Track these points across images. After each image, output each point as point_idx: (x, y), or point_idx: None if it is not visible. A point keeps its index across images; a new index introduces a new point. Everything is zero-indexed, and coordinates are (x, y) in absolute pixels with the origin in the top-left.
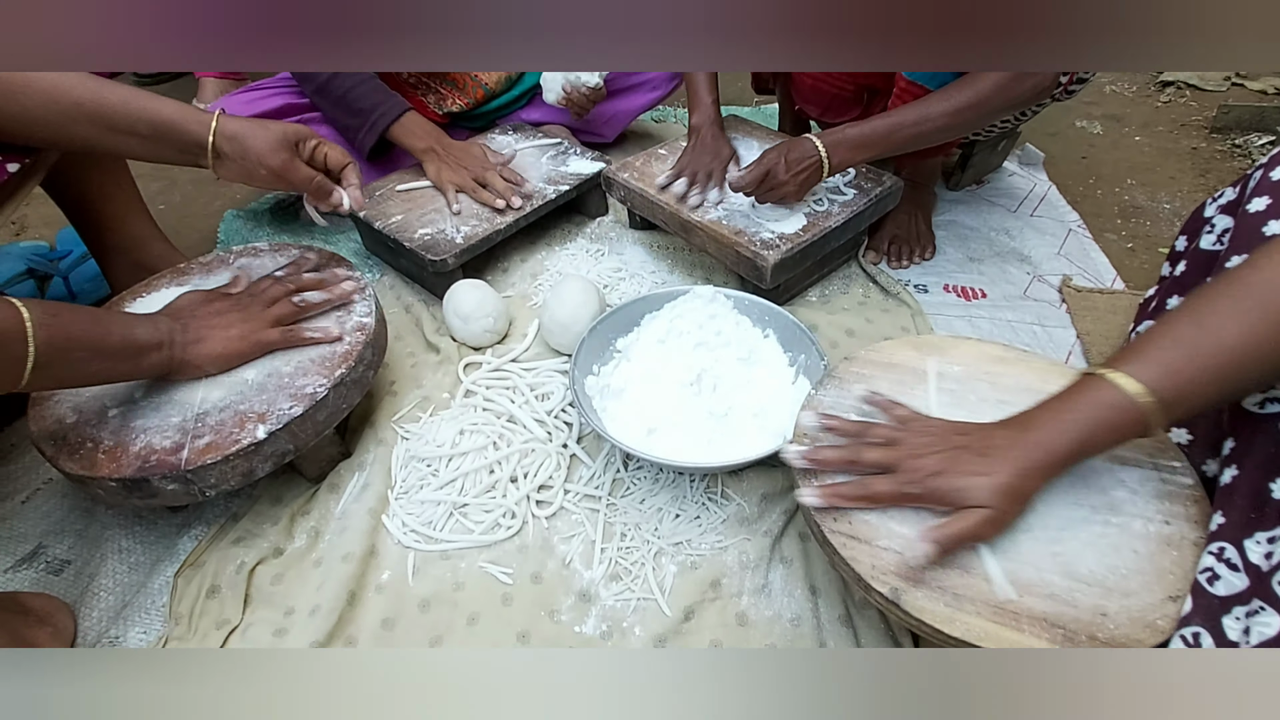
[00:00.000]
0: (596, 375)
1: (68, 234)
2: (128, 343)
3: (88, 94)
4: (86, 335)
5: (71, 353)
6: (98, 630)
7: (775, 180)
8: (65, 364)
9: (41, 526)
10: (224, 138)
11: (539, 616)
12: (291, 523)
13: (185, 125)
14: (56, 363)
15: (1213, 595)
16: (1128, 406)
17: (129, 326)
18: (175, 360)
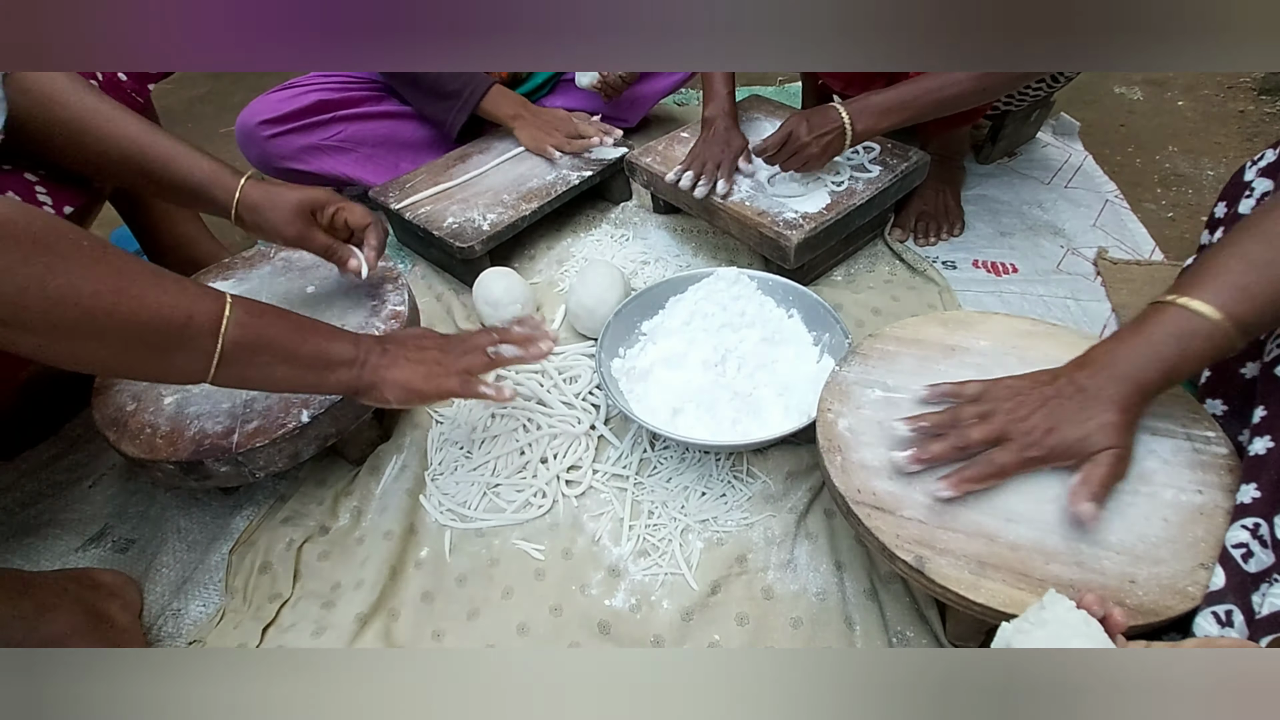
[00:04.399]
0: (622, 358)
1: (121, 233)
2: (320, 354)
3: (134, 148)
4: (280, 339)
5: (261, 354)
6: (161, 603)
7: (797, 142)
8: (252, 364)
9: (107, 509)
10: (245, 208)
11: (570, 590)
12: (335, 503)
13: (212, 192)
14: (244, 361)
15: (1246, 572)
16: (1211, 331)
17: (327, 339)
18: (364, 381)
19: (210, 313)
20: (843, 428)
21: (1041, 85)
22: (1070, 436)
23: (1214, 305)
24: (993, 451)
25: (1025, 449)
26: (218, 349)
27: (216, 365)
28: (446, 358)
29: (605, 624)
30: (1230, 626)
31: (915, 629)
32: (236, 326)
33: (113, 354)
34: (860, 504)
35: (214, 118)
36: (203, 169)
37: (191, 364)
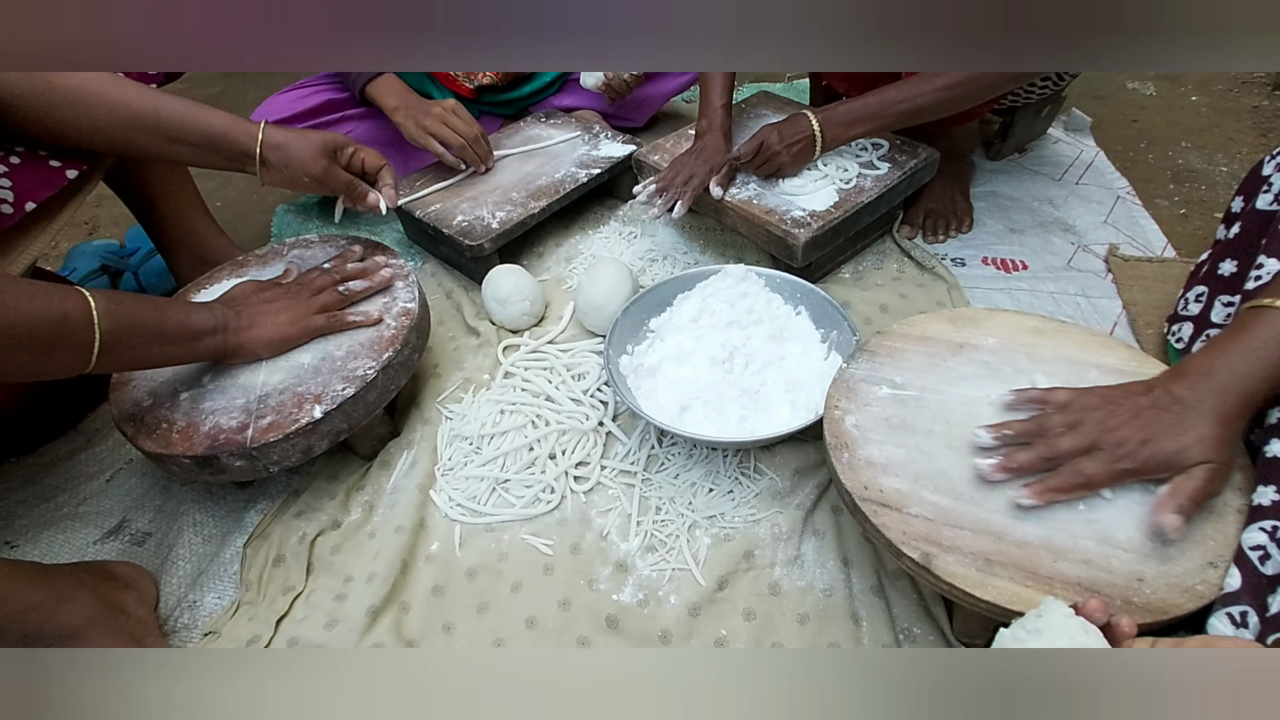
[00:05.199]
0: (630, 355)
1: (135, 232)
2: (184, 328)
3: (145, 106)
4: (147, 321)
5: (133, 337)
6: (177, 595)
7: (769, 151)
8: (128, 348)
9: (124, 502)
10: (269, 147)
11: (578, 585)
12: (347, 497)
13: (234, 136)
14: (120, 346)
15: (1263, 574)
16: None
17: (186, 313)
18: (229, 344)
19: (80, 307)
20: (850, 425)
21: (1049, 81)
22: (1166, 449)
23: None
24: (1082, 461)
25: (1117, 460)
26: (96, 339)
27: (97, 354)
28: (298, 301)
29: (613, 618)
30: (1245, 627)
31: (923, 626)
32: (106, 315)
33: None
34: (867, 500)
35: None
36: (220, 118)
37: (74, 357)
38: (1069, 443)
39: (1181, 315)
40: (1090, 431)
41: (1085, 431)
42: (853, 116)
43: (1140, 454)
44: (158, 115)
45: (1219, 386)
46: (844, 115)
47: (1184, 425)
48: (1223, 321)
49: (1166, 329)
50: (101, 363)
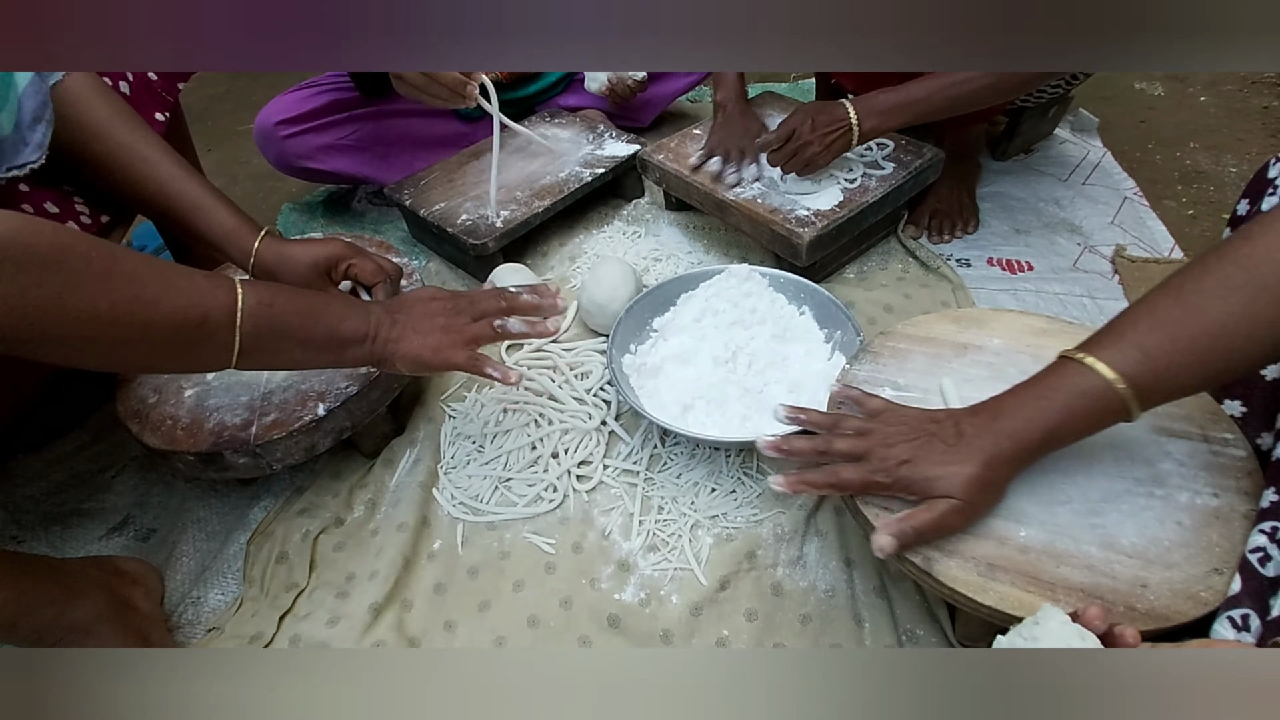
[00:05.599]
0: (634, 354)
1: (144, 229)
2: (333, 336)
3: (161, 194)
4: (295, 326)
5: (276, 342)
6: (182, 591)
7: (799, 141)
8: (270, 352)
9: (130, 499)
10: (260, 271)
11: (580, 584)
12: (350, 495)
13: (229, 250)
14: (261, 350)
15: (1264, 576)
16: (1103, 394)
17: (339, 319)
18: (377, 355)
19: (224, 306)
20: None
21: (1061, 82)
22: (919, 474)
23: (1113, 366)
24: (844, 465)
25: (873, 472)
26: (236, 342)
27: (238, 354)
28: (454, 324)
29: (615, 618)
30: (1247, 631)
31: (925, 628)
32: (251, 318)
33: (137, 357)
34: (869, 504)
35: (232, 115)
36: (222, 226)
37: (213, 357)
38: (844, 445)
39: None
40: (868, 442)
41: (864, 441)
42: (894, 104)
43: (896, 472)
44: (168, 205)
45: (999, 429)
46: (884, 103)
47: (949, 458)
48: None
49: None
50: (242, 362)
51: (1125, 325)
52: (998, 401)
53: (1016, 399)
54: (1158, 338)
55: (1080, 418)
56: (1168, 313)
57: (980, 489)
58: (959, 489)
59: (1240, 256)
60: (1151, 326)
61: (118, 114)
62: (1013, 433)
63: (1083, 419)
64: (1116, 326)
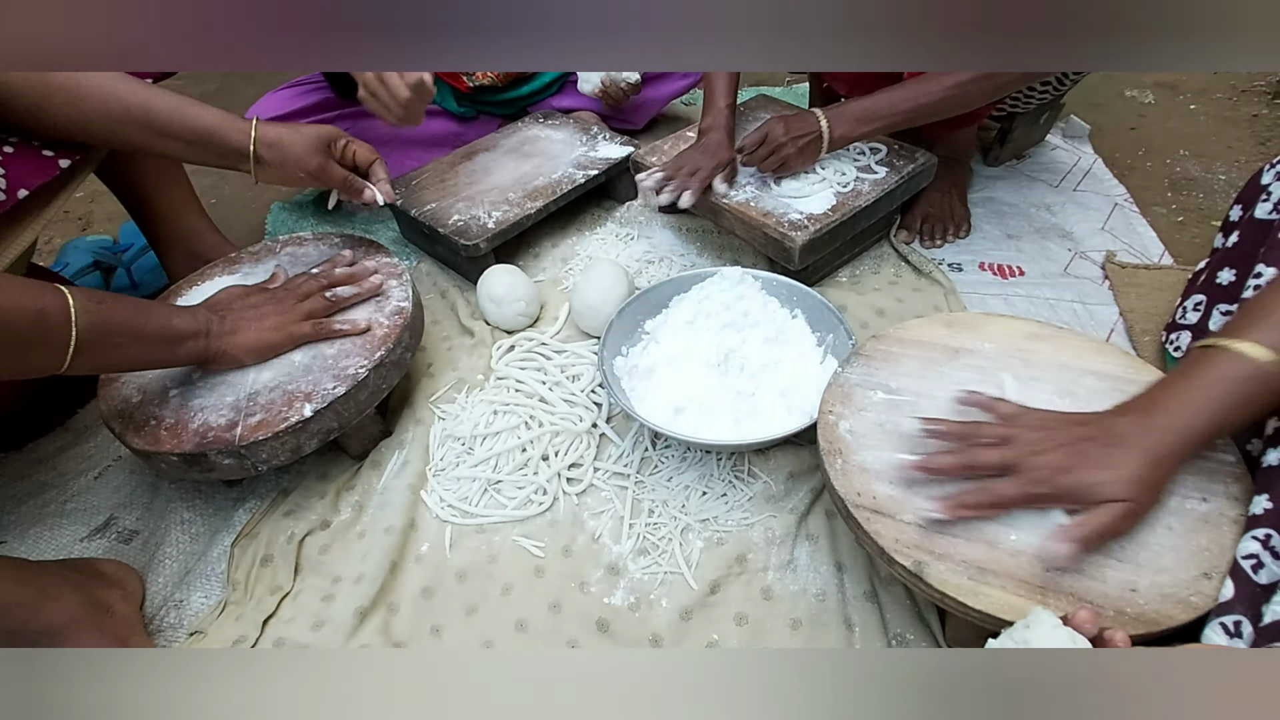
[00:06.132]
0: (625, 356)
1: (129, 228)
2: (165, 331)
3: (137, 101)
4: (127, 323)
5: (111, 338)
6: (164, 594)
7: (774, 143)
8: (105, 348)
9: (112, 500)
10: (264, 145)
11: (569, 588)
12: (337, 497)
13: (226, 133)
14: (98, 347)
15: (1256, 583)
16: (1261, 375)
17: (168, 316)
18: (212, 350)
19: (58, 305)
20: (844, 430)
21: (1049, 86)
22: (1084, 481)
23: (1266, 346)
24: (999, 482)
25: (1032, 484)
26: (73, 338)
27: (72, 354)
28: (284, 307)
29: (604, 622)
30: (1239, 637)
31: (915, 632)
32: (85, 314)
33: None
34: (860, 507)
35: None
36: (212, 115)
37: (48, 356)
38: (991, 457)
39: (1180, 324)
40: (1015, 451)
41: (1011, 450)
42: (862, 114)
43: (1056, 481)
44: (148, 110)
45: (1160, 426)
46: (853, 113)
47: (1110, 460)
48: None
49: (1164, 337)
50: (77, 363)
51: (1263, 308)
52: (1149, 398)
53: (1169, 393)
54: None
55: (1241, 403)
56: None
57: (1147, 488)
58: (1130, 491)
59: None
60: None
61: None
62: (1176, 427)
63: (1243, 404)
64: (1253, 312)
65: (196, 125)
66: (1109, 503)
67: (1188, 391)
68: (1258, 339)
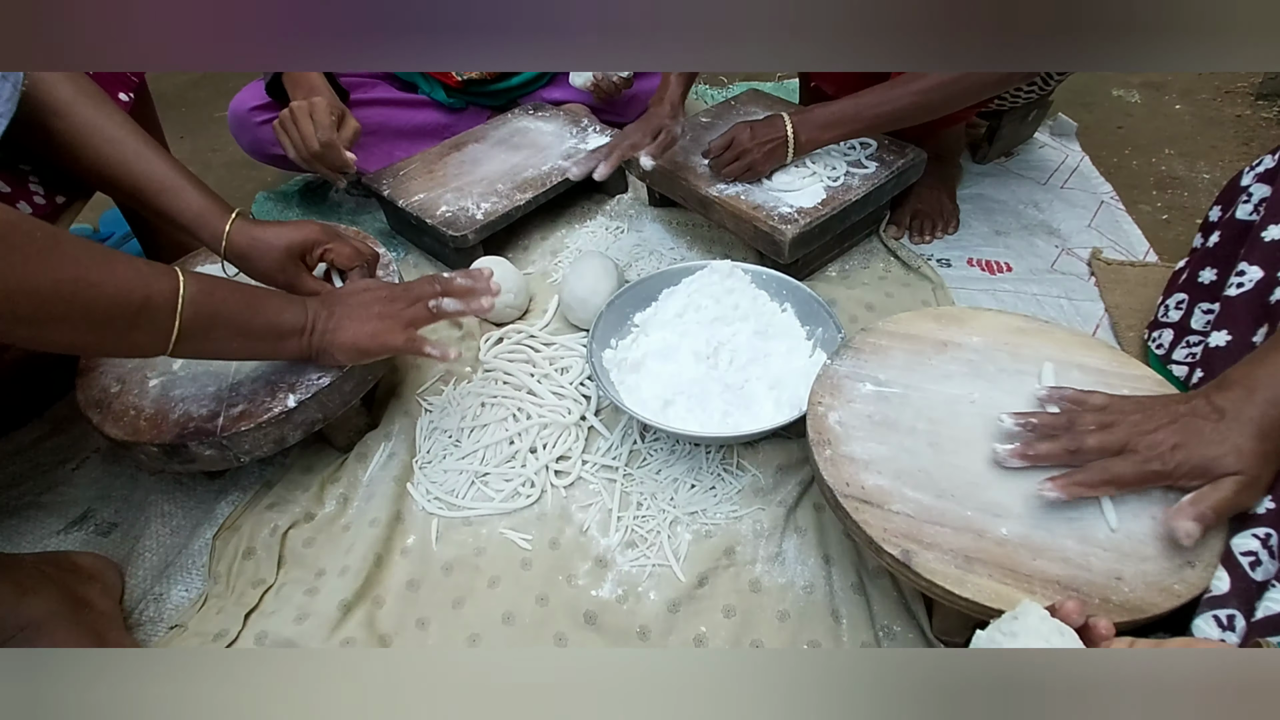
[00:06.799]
0: (614, 349)
1: (111, 216)
2: (271, 326)
3: (127, 175)
4: (234, 316)
5: (215, 330)
6: (143, 587)
7: (740, 148)
8: (208, 339)
9: (91, 492)
10: (232, 255)
11: (557, 580)
12: (322, 490)
13: (199, 233)
14: (200, 336)
15: (1252, 580)
16: None
17: (277, 311)
18: (314, 347)
19: (166, 291)
20: (833, 421)
21: (1035, 85)
22: (1200, 456)
23: None
24: (1114, 460)
25: (1148, 461)
26: (175, 326)
27: (175, 340)
28: (390, 310)
29: (591, 614)
30: (1231, 630)
31: (902, 623)
32: (191, 304)
33: (76, 336)
34: (849, 497)
35: (209, 102)
36: (191, 208)
37: (151, 340)
38: (1097, 440)
39: (1162, 322)
40: (1122, 432)
41: (1117, 432)
42: (829, 120)
43: (1171, 458)
44: (135, 185)
45: (1262, 399)
46: (820, 118)
47: (1220, 435)
48: (1203, 329)
49: (1147, 335)
50: (179, 348)
51: None
52: (1246, 373)
53: (1266, 366)
54: None
55: None
56: None
57: (1263, 461)
58: (1246, 464)
59: None
60: None
61: (82, 91)
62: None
63: None
64: None
65: (176, 216)
66: (1229, 476)
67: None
68: None
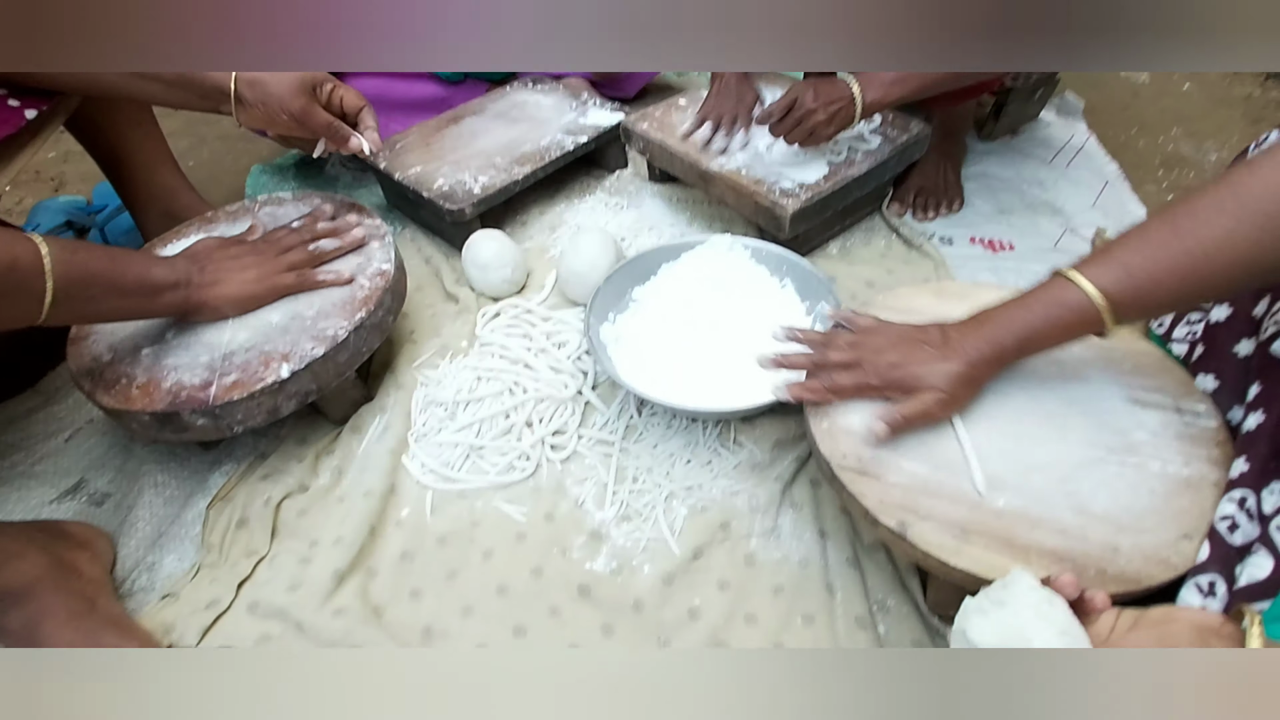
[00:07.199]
0: (612, 323)
1: (103, 189)
2: (143, 281)
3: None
4: (103, 273)
5: (88, 289)
6: (136, 556)
7: (803, 109)
8: (82, 300)
9: (83, 462)
10: (245, 83)
11: (551, 553)
12: (316, 461)
13: (203, 74)
14: (74, 298)
15: (1230, 544)
16: (1081, 306)
17: (146, 266)
18: (192, 301)
19: (30, 254)
20: None
21: None
22: (908, 374)
23: (1093, 281)
24: (838, 372)
25: (865, 376)
26: (48, 289)
27: (49, 305)
28: (265, 258)
29: (586, 587)
30: (1213, 597)
31: (896, 597)
32: (60, 264)
33: None
34: (845, 469)
35: None
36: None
37: (23, 307)
38: (838, 356)
39: None
40: (859, 353)
41: (857, 350)
42: (896, 76)
43: (887, 374)
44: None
45: (981, 334)
46: (886, 75)
47: (934, 358)
48: (1204, 305)
49: None
50: (54, 314)
51: (1116, 245)
52: (986, 312)
53: (1003, 309)
54: (1141, 257)
55: (1056, 326)
56: (1156, 233)
57: (962, 383)
58: (943, 382)
59: (1235, 183)
60: (1139, 246)
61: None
62: (992, 337)
63: (1058, 328)
64: (1109, 246)
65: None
66: (929, 390)
67: (1016, 309)
68: (1092, 274)
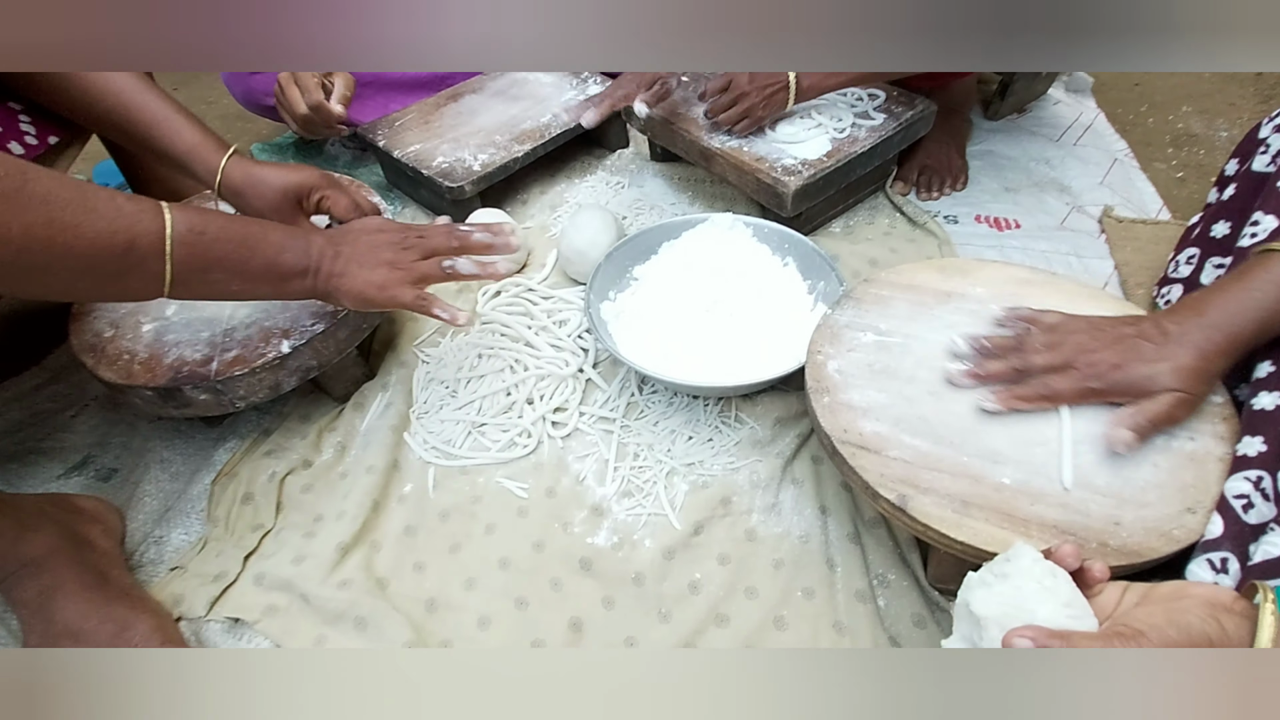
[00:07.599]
0: (613, 301)
1: (105, 168)
2: (271, 268)
3: (119, 107)
4: (228, 257)
5: (211, 272)
6: (144, 530)
7: (738, 90)
8: (205, 283)
9: (90, 438)
10: (227, 191)
11: (553, 528)
12: (319, 438)
13: (194, 167)
14: (196, 281)
15: (1245, 523)
16: None
17: (276, 251)
18: (320, 290)
19: (151, 232)
20: (832, 369)
21: None
22: (1137, 373)
23: None
24: (1054, 376)
25: (1086, 379)
26: (167, 272)
27: (169, 285)
28: (402, 260)
29: (587, 560)
30: (1225, 573)
31: (897, 571)
32: (181, 245)
33: (60, 284)
34: (846, 443)
35: None
36: (185, 141)
37: (143, 286)
38: (1043, 359)
39: (1171, 278)
40: (1066, 351)
41: (1062, 351)
42: None
43: (1110, 376)
44: (128, 119)
45: (1207, 323)
46: None
47: (1161, 354)
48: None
49: (1155, 291)
50: (177, 292)
51: None
52: (1199, 298)
53: (1221, 294)
54: None
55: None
56: None
57: (1198, 379)
58: (1183, 381)
59: None
60: None
61: None
62: (1222, 325)
63: None
64: None
65: (169, 150)
66: (1166, 392)
67: (1239, 292)
68: None
